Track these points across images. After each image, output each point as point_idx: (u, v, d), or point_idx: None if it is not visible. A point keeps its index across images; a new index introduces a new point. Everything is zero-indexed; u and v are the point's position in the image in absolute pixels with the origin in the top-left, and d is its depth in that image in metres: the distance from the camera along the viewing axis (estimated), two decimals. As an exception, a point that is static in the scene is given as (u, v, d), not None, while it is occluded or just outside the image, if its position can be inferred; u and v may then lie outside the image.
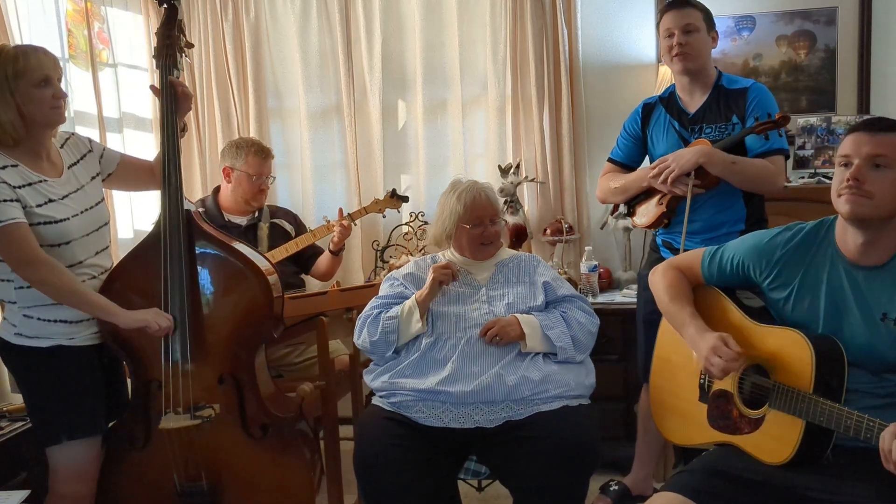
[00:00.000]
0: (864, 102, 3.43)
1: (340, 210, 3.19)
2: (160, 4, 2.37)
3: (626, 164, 2.78)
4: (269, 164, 3.16)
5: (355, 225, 3.27)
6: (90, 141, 2.32)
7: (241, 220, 3.18)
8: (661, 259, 2.66)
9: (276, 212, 3.33)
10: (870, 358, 1.72)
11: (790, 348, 1.75)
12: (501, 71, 3.67)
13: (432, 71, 3.78)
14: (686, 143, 2.58)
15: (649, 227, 2.68)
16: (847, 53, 3.44)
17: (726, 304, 1.97)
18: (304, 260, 3.28)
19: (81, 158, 2.26)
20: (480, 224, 2.39)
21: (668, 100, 2.69)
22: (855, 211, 1.68)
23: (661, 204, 2.58)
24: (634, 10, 3.61)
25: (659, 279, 2.07)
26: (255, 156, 3.10)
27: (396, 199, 3.29)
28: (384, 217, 3.49)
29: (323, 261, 3.25)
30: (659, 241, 2.73)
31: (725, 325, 1.94)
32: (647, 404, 2.77)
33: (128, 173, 2.40)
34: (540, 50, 3.60)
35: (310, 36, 3.82)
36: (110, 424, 2.30)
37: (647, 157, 2.77)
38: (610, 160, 2.81)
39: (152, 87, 2.34)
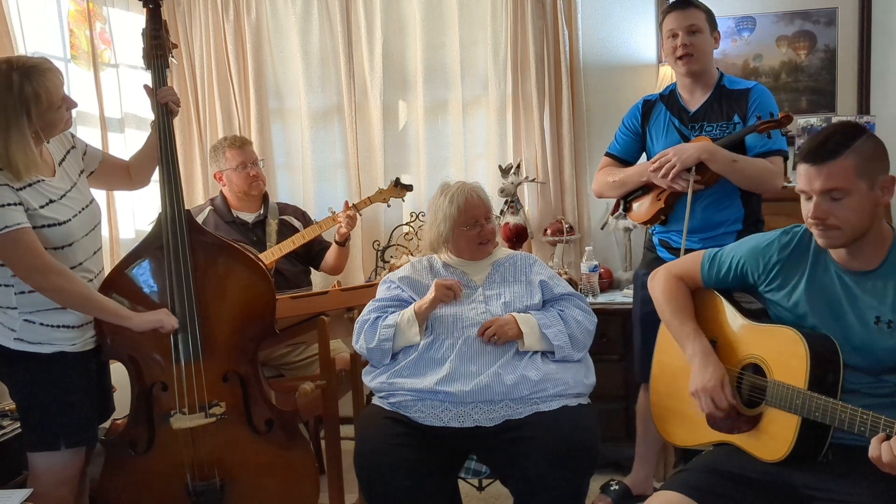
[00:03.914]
0: (863, 103, 3.43)
1: (346, 203, 3.21)
2: (144, 5, 2.35)
3: (624, 158, 2.77)
4: (248, 150, 3.22)
5: (360, 216, 3.28)
6: (73, 136, 2.27)
7: (249, 217, 3.22)
8: (658, 258, 2.67)
9: (285, 209, 3.36)
10: (867, 360, 1.73)
11: (785, 346, 1.77)
12: (502, 71, 3.67)
13: (433, 71, 3.78)
14: (686, 140, 2.58)
15: (646, 223, 2.69)
16: (847, 54, 3.44)
17: (723, 304, 1.98)
18: (314, 255, 3.31)
19: (67, 154, 2.21)
20: (476, 224, 2.40)
21: (669, 97, 2.69)
22: (828, 243, 1.74)
23: (659, 200, 2.59)
24: (635, 11, 3.62)
25: (659, 288, 2.07)
26: (230, 149, 3.18)
27: (401, 188, 3.28)
28: (388, 206, 3.48)
29: (331, 254, 3.28)
30: (656, 240, 2.73)
31: (722, 325, 1.96)
32: (645, 404, 2.77)
33: (108, 172, 2.37)
34: (540, 50, 3.61)
35: (311, 36, 3.83)
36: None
37: (643, 155, 2.78)
38: (608, 154, 2.81)
39: (146, 87, 2.34)
